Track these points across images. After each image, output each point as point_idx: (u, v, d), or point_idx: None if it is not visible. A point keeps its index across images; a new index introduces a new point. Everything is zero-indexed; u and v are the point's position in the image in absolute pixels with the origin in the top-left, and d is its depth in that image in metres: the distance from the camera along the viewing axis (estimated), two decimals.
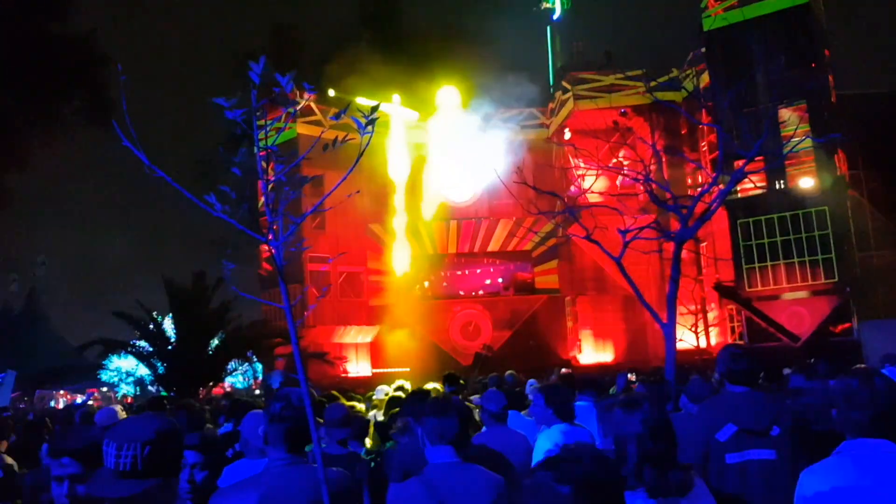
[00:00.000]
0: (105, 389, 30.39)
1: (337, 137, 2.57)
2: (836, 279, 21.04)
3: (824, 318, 21.23)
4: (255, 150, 2.44)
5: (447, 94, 29.20)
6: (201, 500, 3.06)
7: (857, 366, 9.16)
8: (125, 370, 26.46)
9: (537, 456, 4.26)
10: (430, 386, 8.10)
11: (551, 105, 30.50)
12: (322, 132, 25.24)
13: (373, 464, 4.66)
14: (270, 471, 2.80)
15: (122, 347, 18.81)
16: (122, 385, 28.85)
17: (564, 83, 28.94)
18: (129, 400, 26.72)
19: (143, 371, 22.60)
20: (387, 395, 7.63)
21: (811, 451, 3.72)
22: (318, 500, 2.60)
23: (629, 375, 10.85)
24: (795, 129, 19.49)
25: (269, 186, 2.41)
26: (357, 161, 2.55)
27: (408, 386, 8.03)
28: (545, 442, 4.32)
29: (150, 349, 17.76)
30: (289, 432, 2.83)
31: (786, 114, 21.19)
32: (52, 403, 28.53)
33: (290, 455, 2.82)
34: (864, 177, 23.22)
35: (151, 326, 17.77)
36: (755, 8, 22.44)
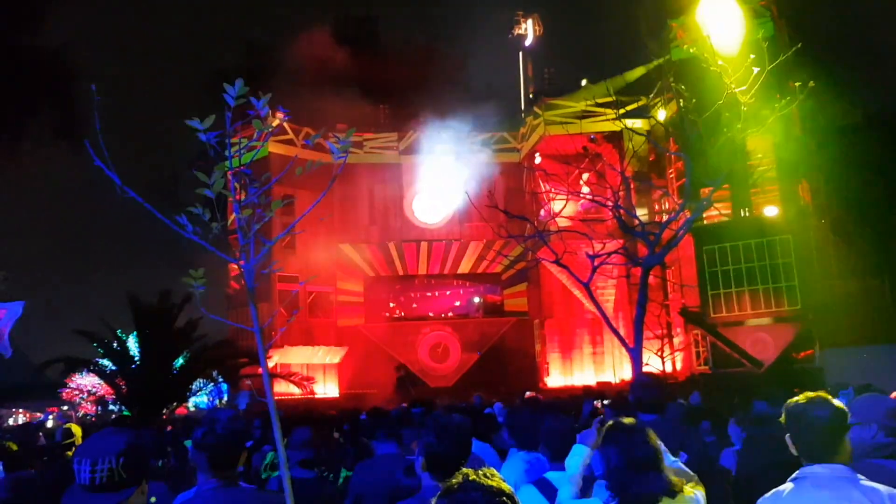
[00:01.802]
0: (66, 408, 29.78)
1: (310, 161, 2.58)
2: (799, 306, 21.38)
3: (787, 344, 21.53)
4: (229, 171, 2.45)
5: (420, 116, 29.34)
6: None
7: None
8: (87, 389, 25.95)
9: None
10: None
11: (522, 130, 30.77)
12: (295, 156, 25.25)
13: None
14: (200, 495, 2.76)
15: (85, 365, 18.46)
16: (84, 404, 28.28)
17: (535, 108, 29.23)
18: (94, 419, 26.19)
19: (105, 390, 22.18)
20: None
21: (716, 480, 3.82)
22: None
23: (595, 403, 10.88)
24: (761, 159, 19.88)
25: (242, 209, 2.41)
26: (330, 186, 2.58)
27: None
28: (507, 473, 4.27)
29: (114, 368, 17.46)
30: (212, 458, 2.78)
31: (752, 144, 21.57)
32: (11, 421, 27.88)
33: (218, 480, 2.77)
34: (828, 206, 23.68)
35: (115, 344, 17.47)
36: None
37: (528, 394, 16.18)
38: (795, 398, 2.78)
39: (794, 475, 2.67)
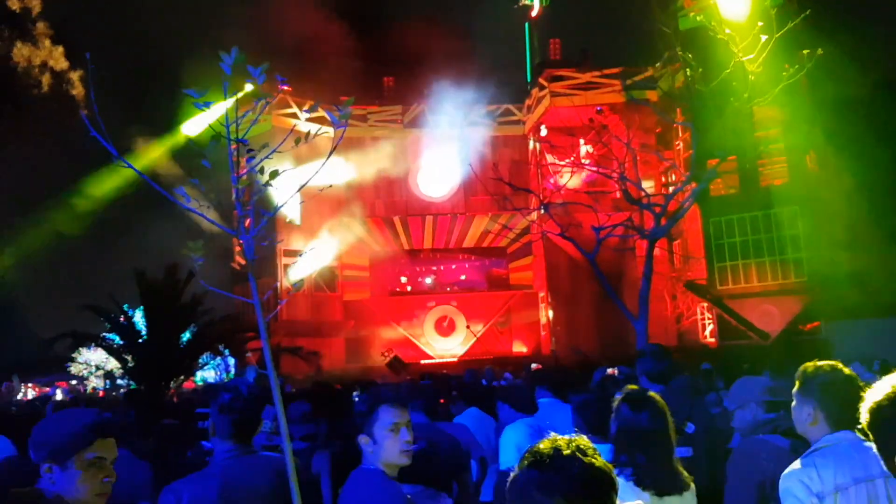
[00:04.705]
0: (74, 382, 30.02)
1: (309, 132, 2.54)
2: (806, 278, 21.32)
3: (794, 316, 21.50)
4: (227, 142, 2.40)
5: (424, 89, 29.14)
6: None
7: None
8: (95, 363, 26.14)
9: (507, 450, 4.23)
10: None
11: (528, 102, 30.54)
12: (294, 125, 25.10)
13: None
14: (222, 462, 2.75)
15: (92, 340, 18.57)
16: (92, 378, 28.51)
17: (541, 80, 28.99)
18: (102, 394, 26.39)
19: (113, 364, 22.33)
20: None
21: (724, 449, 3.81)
22: (274, 488, 2.64)
23: (609, 370, 10.83)
24: (768, 130, 19.74)
25: (239, 180, 2.38)
26: (329, 155, 2.53)
27: None
28: (511, 435, 4.31)
29: (121, 342, 17.55)
30: (236, 423, 2.77)
31: (759, 114, 21.39)
32: (20, 396, 28.12)
33: (238, 446, 2.77)
34: (836, 177, 23.50)
35: (122, 319, 17.54)
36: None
37: (534, 366, 16.21)
38: (814, 366, 2.76)
39: (818, 445, 2.62)
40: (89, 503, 2.25)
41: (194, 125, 24.83)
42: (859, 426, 2.51)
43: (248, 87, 2.63)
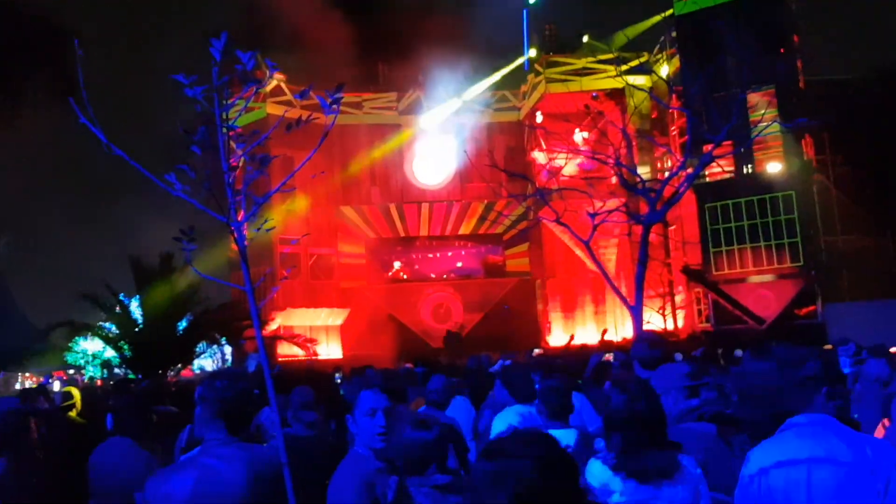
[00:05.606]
0: (72, 372, 30.01)
1: (301, 116, 2.52)
2: (802, 263, 21.37)
3: (790, 301, 21.56)
4: (217, 128, 2.39)
5: (420, 75, 29.03)
6: None
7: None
8: (91, 352, 26.12)
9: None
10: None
11: (524, 88, 30.44)
12: (285, 111, 24.92)
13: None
14: (205, 451, 2.72)
15: (89, 330, 18.55)
16: (89, 367, 28.49)
17: (536, 66, 28.89)
18: (100, 383, 26.37)
19: (110, 353, 22.31)
20: None
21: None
22: (254, 480, 2.60)
23: (606, 356, 10.84)
24: (763, 114, 19.68)
25: (230, 165, 2.36)
26: (322, 140, 2.51)
27: None
28: (500, 424, 4.27)
29: (117, 331, 17.54)
30: (212, 411, 2.73)
31: (754, 98, 21.36)
32: (18, 386, 28.12)
33: (223, 436, 2.73)
34: (831, 161, 23.54)
35: (118, 308, 17.53)
36: None
37: (536, 351, 16.26)
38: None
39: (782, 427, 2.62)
40: None
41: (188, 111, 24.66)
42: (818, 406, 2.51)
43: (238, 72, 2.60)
